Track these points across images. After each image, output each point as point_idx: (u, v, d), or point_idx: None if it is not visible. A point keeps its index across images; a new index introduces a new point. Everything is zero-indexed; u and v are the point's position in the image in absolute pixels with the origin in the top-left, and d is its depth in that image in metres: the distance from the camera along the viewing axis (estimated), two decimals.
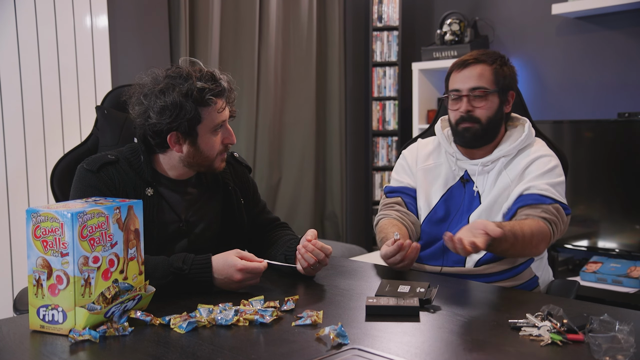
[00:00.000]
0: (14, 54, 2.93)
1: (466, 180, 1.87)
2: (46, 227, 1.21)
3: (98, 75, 3.21)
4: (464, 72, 1.82)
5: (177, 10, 3.59)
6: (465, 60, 1.83)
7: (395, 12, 4.39)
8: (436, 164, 1.93)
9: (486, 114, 1.80)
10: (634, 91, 3.51)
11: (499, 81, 1.81)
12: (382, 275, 1.70)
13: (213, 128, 1.61)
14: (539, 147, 1.86)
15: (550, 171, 1.78)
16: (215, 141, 1.63)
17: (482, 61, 1.82)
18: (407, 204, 1.94)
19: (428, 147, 1.98)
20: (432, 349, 1.16)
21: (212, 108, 1.59)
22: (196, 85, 1.56)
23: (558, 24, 3.78)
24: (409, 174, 1.97)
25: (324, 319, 1.29)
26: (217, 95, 1.59)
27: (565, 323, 1.17)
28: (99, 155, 1.65)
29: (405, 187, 1.97)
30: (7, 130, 2.92)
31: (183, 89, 1.55)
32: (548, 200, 1.73)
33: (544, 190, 1.74)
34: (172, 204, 1.66)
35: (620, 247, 3.30)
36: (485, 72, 1.81)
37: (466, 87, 1.80)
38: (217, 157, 1.65)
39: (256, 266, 1.50)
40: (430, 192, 1.91)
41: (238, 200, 1.76)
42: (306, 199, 4.35)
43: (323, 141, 4.52)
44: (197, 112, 1.57)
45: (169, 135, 1.59)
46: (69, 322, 1.21)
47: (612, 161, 3.33)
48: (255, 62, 3.99)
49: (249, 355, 1.12)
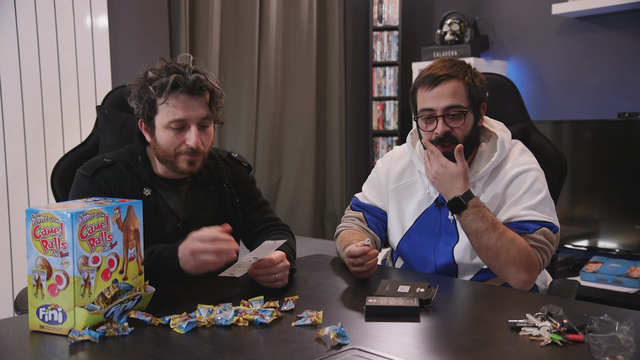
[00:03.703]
0: (14, 54, 2.93)
1: (441, 203, 1.76)
2: (46, 227, 1.21)
3: (98, 75, 3.21)
4: (436, 90, 1.67)
5: (177, 10, 3.59)
6: (437, 77, 1.67)
7: (395, 12, 4.40)
8: (409, 182, 1.84)
9: (463, 133, 1.67)
10: (634, 91, 3.51)
11: (472, 96, 1.68)
12: (382, 276, 1.70)
13: (165, 124, 1.56)
14: (515, 157, 1.74)
15: (528, 190, 1.67)
16: (170, 138, 1.57)
17: (454, 76, 1.67)
18: (367, 220, 1.89)
19: (401, 161, 1.87)
20: (432, 349, 1.16)
21: (164, 103, 1.55)
22: (148, 74, 1.56)
23: (558, 24, 3.78)
24: (378, 192, 1.90)
25: (324, 319, 1.29)
26: (161, 88, 1.54)
27: (565, 323, 1.16)
28: (94, 160, 1.66)
29: (370, 206, 1.90)
30: (7, 130, 2.92)
31: (140, 76, 1.58)
32: (532, 227, 1.63)
33: (526, 216, 1.64)
34: (169, 203, 1.66)
35: (620, 247, 3.30)
36: (458, 88, 1.67)
37: (440, 107, 1.66)
38: (178, 157, 1.58)
39: (203, 233, 1.42)
40: (404, 214, 1.83)
41: (233, 199, 1.75)
42: (306, 199, 4.35)
43: (323, 141, 4.52)
44: (151, 102, 1.56)
45: (139, 121, 1.62)
46: (69, 322, 1.21)
47: (612, 161, 3.33)
48: (255, 62, 3.99)
49: (249, 356, 1.12)
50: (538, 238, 1.62)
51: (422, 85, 1.70)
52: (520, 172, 1.70)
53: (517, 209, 1.66)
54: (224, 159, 1.79)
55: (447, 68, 1.68)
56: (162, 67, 1.57)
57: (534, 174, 1.70)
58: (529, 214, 1.64)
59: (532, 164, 1.73)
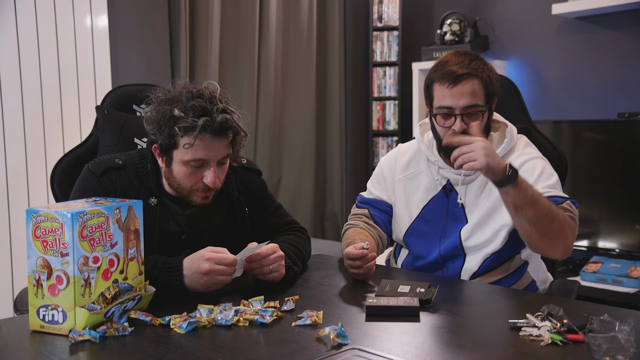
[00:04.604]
0: (14, 53, 2.93)
1: (449, 190, 1.79)
2: (46, 227, 1.21)
3: (98, 75, 3.21)
4: (457, 89, 1.67)
5: (177, 10, 3.59)
6: (458, 75, 1.67)
7: (395, 12, 4.39)
8: (416, 172, 1.86)
9: (479, 130, 1.69)
10: (634, 91, 3.51)
11: (489, 94, 1.71)
12: (382, 276, 1.70)
13: (184, 161, 1.52)
14: (521, 149, 1.77)
15: (541, 174, 1.70)
16: (187, 175, 1.54)
17: (474, 75, 1.68)
18: (373, 216, 1.89)
19: (407, 154, 1.89)
20: (432, 349, 1.16)
21: (183, 140, 1.50)
22: (173, 112, 1.49)
23: (558, 24, 3.78)
24: (383, 186, 1.91)
25: (324, 319, 1.29)
26: (187, 130, 1.48)
27: (565, 323, 1.17)
28: (106, 158, 1.63)
29: (375, 200, 1.91)
30: (7, 130, 2.92)
31: (166, 110, 1.51)
32: (559, 200, 1.64)
33: (549, 192, 1.65)
34: (174, 214, 1.63)
35: (620, 247, 3.30)
36: (477, 87, 1.68)
37: (460, 106, 1.66)
38: (193, 192, 1.56)
39: (223, 257, 1.43)
40: (412, 203, 1.84)
41: (242, 211, 1.72)
42: (306, 199, 4.35)
43: (323, 141, 4.52)
44: (172, 136, 1.51)
45: (153, 145, 1.58)
46: (69, 322, 1.21)
47: (612, 161, 3.33)
48: (255, 62, 3.99)
49: (249, 356, 1.12)
50: (568, 208, 1.64)
51: (441, 81, 1.69)
52: (529, 159, 1.74)
53: (539, 187, 1.65)
54: (232, 167, 1.74)
55: (466, 66, 1.68)
56: (188, 105, 1.49)
57: (542, 161, 1.75)
58: (551, 191, 1.67)
59: (539, 155, 1.77)
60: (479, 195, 1.76)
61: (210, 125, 1.48)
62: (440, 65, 1.71)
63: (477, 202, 1.76)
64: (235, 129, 1.54)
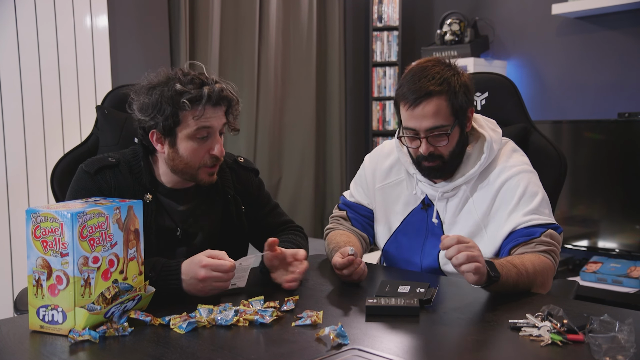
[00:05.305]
0: (14, 54, 2.93)
1: (427, 205, 1.74)
2: (46, 227, 1.21)
3: (98, 75, 3.21)
4: (417, 111, 1.58)
5: (177, 10, 3.59)
6: (417, 97, 1.58)
7: (395, 12, 4.40)
8: (397, 180, 1.81)
9: (448, 149, 1.63)
10: (634, 91, 3.51)
11: (457, 110, 1.60)
12: (382, 276, 1.70)
13: (191, 134, 1.56)
14: (504, 160, 1.68)
15: (523, 196, 1.62)
16: (195, 149, 1.57)
17: (435, 94, 1.57)
18: (351, 219, 1.87)
19: (390, 158, 1.83)
20: (432, 349, 1.16)
21: (189, 113, 1.55)
22: (175, 87, 1.54)
23: (558, 24, 3.78)
24: (365, 190, 1.88)
25: (324, 319, 1.29)
26: (194, 101, 1.54)
27: (565, 323, 1.16)
28: (99, 157, 1.64)
29: (355, 204, 1.88)
30: (7, 130, 2.92)
31: (164, 90, 1.55)
32: (538, 231, 1.57)
33: (530, 221, 1.58)
34: (170, 211, 1.64)
35: (620, 247, 3.30)
36: (440, 106, 1.58)
37: (423, 128, 1.60)
38: (201, 168, 1.60)
39: (220, 263, 1.41)
40: (391, 214, 1.81)
41: (238, 209, 1.73)
42: (306, 199, 4.35)
43: (323, 141, 4.52)
44: (175, 114, 1.54)
45: (150, 132, 1.59)
46: (69, 322, 1.21)
47: (612, 161, 3.33)
48: (255, 62, 3.99)
49: (249, 356, 1.12)
50: (546, 241, 1.57)
51: (403, 101, 1.62)
52: (511, 175, 1.65)
53: (518, 215, 1.60)
54: (229, 165, 1.76)
55: (428, 83, 1.58)
56: (186, 80, 1.56)
57: (526, 176, 1.65)
58: (532, 219, 1.59)
59: (523, 165, 1.68)
60: (457, 212, 1.71)
61: (213, 94, 1.55)
62: (405, 82, 1.63)
63: (457, 220, 1.71)
64: (230, 98, 1.61)
